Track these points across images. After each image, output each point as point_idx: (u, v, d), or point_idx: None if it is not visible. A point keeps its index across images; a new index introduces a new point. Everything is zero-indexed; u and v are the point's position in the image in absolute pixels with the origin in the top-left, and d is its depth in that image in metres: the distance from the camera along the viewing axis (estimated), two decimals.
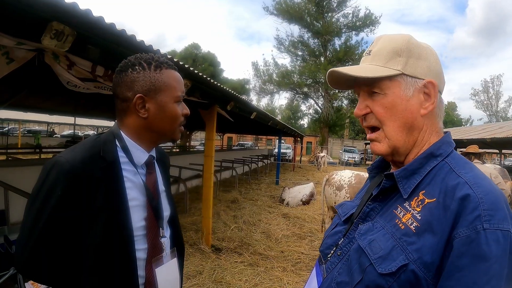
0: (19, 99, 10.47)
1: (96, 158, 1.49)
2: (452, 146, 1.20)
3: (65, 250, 1.47)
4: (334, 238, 1.36)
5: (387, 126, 1.19)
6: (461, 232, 0.95)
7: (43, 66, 3.48)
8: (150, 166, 1.70)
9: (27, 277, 1.57)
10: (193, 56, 55.74)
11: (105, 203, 1.46)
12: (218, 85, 6.05)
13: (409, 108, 1.17)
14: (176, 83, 1.62)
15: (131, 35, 3.21)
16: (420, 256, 1.00)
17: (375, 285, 1.04)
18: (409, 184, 1.15)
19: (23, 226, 1.46)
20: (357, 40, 45.35)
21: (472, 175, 1.06)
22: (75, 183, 1.40)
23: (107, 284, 1.49)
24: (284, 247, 7.38)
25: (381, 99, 1.19)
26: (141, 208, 1.60)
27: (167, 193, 1.84)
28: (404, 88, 1.17)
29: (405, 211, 1.11)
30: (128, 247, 1.51)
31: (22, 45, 2.87)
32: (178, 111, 1.63)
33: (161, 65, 1.59)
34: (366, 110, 1.23)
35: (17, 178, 5.91)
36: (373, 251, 1.09)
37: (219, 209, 9.95)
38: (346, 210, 1.44)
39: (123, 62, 1.61)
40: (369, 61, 1.23)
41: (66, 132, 43.48)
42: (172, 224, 1.86)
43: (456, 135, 19.35)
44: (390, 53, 1.19)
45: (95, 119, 21.22)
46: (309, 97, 49.26)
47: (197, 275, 5.60)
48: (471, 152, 7.21)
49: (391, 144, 1.20)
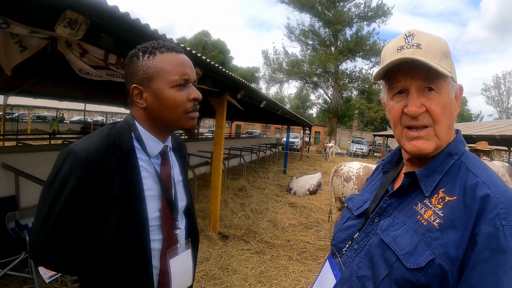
0: (30, 86, 10.52)
1: (111, 147, 1.47)
2: (465, 145, 1.27)
3: (79, 238, 1.48)
4: (347, 232, 1.39)
5: (440, 126, 1.19)
6: (484, 229, 1.01)
7: (55, 53, 3.51)
8: (165, 157, 1.67)
9: (40, 264, 1.59)
10: (203, 44, 55.53)
11: (120, 192, 1.45)
12: (229, 73, 6.06)
13: (452, 110, 1.22)
14: (172, 67, 1.51)
15: (145, 24, 3.22)
16: (445, 251, 1.05)
17: (404, 280, 1.09)
18: (430, 182, 1.19)
19: (37, 213, 1.46)
20: (368, 31, 44.80)
21: (487, 175, 1.13)
22: (90, 172, 1.39)
23: (121, 273, 1.50)
24: (290, 236, 7.44)
25: (437, 98, 1.17)
26: (157, 199, 1.58)
27: (184, 183, 1.82)
28: (451, 90, 1.21)
29: (426, 207, 1.16)
30: (143, 236, 1.50)
31: (35, 33, 2.89)
32: (179, 96, 1.53)
33: (155, 50, 1.52)
34: (422, 108, 1.18)
35: (28, 164, 5.97)
36: (399, 247, 1.13)
37: (226, 197, 10.00)
38: (357, 204, 1.46)
39: (128, 55, 1.58)
40: (422, 55, 1.15)
41: (75, 118, 43.57)
42: (187, 214, 1.84)
43: (466, 130, 19.20)
44: (440, 52, 1.17)
45: (105, 105, 21.22)
46: (318, 87, 49.00)
47: (204, 262, 5.67)
48: (479, 149, 7.13)
49: (438, 143, 1.20)
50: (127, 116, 1.64)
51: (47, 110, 39.01)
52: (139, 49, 1.54)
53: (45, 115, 41.09)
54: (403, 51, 1.19)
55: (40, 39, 3.18)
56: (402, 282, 1.09)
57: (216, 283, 5.05)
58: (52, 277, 2.01)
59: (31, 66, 7.18)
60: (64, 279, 4.55)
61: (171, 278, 1.62)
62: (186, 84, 1.55)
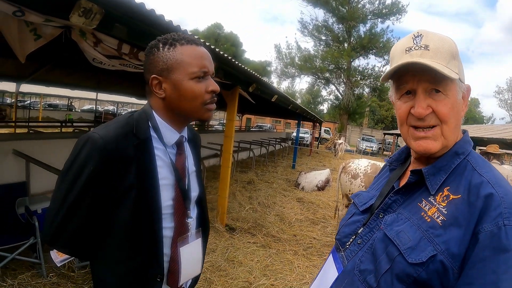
0: (42, 74, 10.60)
1: (129, 136, 1.50)
2: (471, 145, 1.28)
3: (93, 224, 1.51)
4: (352, 227, 1.41)
5: (447, 126, 1.21)
6: (486, 227, 1.03)
7: (69, 42, 3.54)
8: (181, 147, 1.70)
9: (54, 247, 1.62)
10: (215, 36, 55.50)
11: (136, 181, 1.48)
12: (242, 66, 6.06)
13: (459, 112, 1.24)
14: (191, 59, 1.53)
15: (159, 14, 3.23)
16: (447, 247, 1.07)
17: (405, 274, 1.11)
18: (436, 181, 1.21)
19: (54, 197, 1.49)
20: (382, 28, 44.28)
21: (492, 175, 1.14)
22: (108, 159, 1.42)
23: (132, 259, 1.54)
24: (296, 231, 7.47)
25: (444, 100, 1.19)
26: (170, 188, 1.61)
27: (197, 174, 1.85)
28: (458, 91, 1.22)
29: (430, 205, 1.18)
30: (155, 224, 1.54)
31: (50, 22, 2.92)
32: (197, 88, 1.55)
33: (175, 42, 1.54)
34: (429, 110, 1.20)
35: (38, 151, 6.03)
36: (402, 241, 1.15)
37: (235, 190, 10.03)
38: (363, 200, 1.48)
39: (147, 46, 1.60)
40: (430, 57, 1.18)
41: (86, 107, 43.83)
42: (199, 204, 1.88)
43: (477, 132, 19.04)
44: (448, 54, 1.18)
45: (116, 95, 21.30)
46: (330, 83, 48.69)
47: (211, 253, 5.71)
48: (490, 152, 7.08)
49: (445, 142, 1.23)
50: (145, 106, 1.67)
51: (58, 98, 39.26)
52: (159, 40, 1.57)
53: (57, 103, 41.36)
54: (411, 53, 1.21)
55: (54, 27, 3.20)
56: (403, 277, 1.11)
57: (222, 275, 5.09)
58: (63, 261, 2.02)
59: (44, 54, 7.23)
60: (72, 265, 4.60)
61: (181, 265, 1.65)
62: (205, 76, 1.58)
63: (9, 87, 17.38)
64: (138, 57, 3.82)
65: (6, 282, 4.10)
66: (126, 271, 1.55)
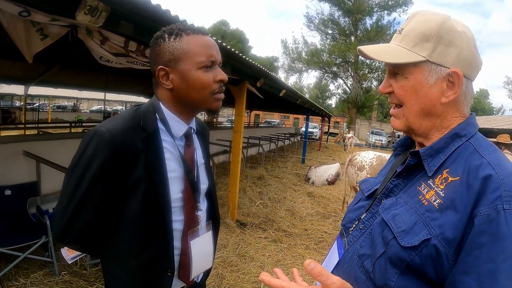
0: (50, 75, 10.65)
1: (136, 129, 1.49)
2: (477, 128, 1.21)
3: (102, 219, 1.51)
4: (356, 213, 1.38)
5: (407, 108, 1.21)
6: (482, 211, 0.97)
7: (76, 41, 3.55)
8: (189, 139, 1.68)
9: (64, 244, 1.63)
10: (221, 33, 55.52)
11: (144, 174, 1.47)
12: (249, 61, 6.04)
13: (428, 95, 1.17)
14: (198, 48, 1.51)
15: (165, 10, 3.21)
16: (442, 231, 1.02)
17: (398, 258, 1.07)
18: (434, 162, 1.16)
19: (62, 194, 1.49)
20: (389, 20, 44.38)
21: (495, 156, 1.08)
22: (115, 153, 1.42)
23: (143, 253, 1.54)
24: (308, 225, 7.46)
25: (403, 81, 1.19)
26: (179, 180, 1.60)
27: (206, 166, 1.84)
28: (427, 76, 1.16)
29: (429, 188, 1.13)
30: (165, 217, 1.53)
31: (56, 21, 2.92)
32: (206, 77, 1.53)
33: (181, 32, 1.52)
34: (389, 89, 1.25)
35: (48, 151, 6.07)
36: (396, 225, 1.11)
37: (245, 185, 10.03)
38: (369, 186, 1.44)
39: (152, 37, 1.58)
40: (398, 41, 1.21)
41: (95, 108, 44.03)
42: (209, 197, 1.87)
43: (487, 123, 18.89)
44: (419, 36, 1.16)
45: (124, 94, 21.37)
46: (338, 77, 48.61)
47: (222, 248, 5.72)
48: (501, 142, 7.01)
49: (407, 123, 1.23)
50: (152, 98, 1.65)
51: (67, 100, 39.48)
52: (164, 31, 1.55)
53: (65, 104, 41.59)
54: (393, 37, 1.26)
55: (60, 26, 3.21)
56: (396, 261, 1.07)
57: (233, 270, 5.10)
58: (74, 258, 2.05)
59: (52, 55, 7.27)
60: (84, 263, 4.63)
61: (192, 259, 1.65)
62: (212, 65, 1.56)
63: (17, 90, 17.51)
64: (145, 54, 3.82)
65: (19, 281, 4.13)
66: (136, 266, 1.55)
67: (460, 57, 1.14)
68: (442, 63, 1.14)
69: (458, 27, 1.15)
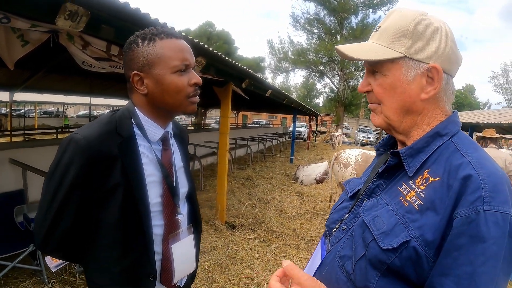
0: (35, 81, 10.57)
1: (112, 134, 1.49)
2: (459, 126, 1.19)
3: (82, 225, 1.51)
4: (340, 213, 1.37)
5: (385, 105, 1.20)
6: (462, 212, 0.95)
7: (58, 47, 3.52)
8: (166, 142, 1.68)
9: (45, 253, 1.62)
10: (207, 34, 55.38)
11: (122, 179, 1.47)
12: (233, 62, 6.04)
13: (407, 92, 1.16)
14: (172, 52, 1.52)
15: (145, 13, 3.19)
16: (422, 233, 1.01)
17: (377, 260, 1.05)
18: (415, 163, 1.15)
19: (41, 203, 1.49)
20: (374, 18, 44.17)
21: (476, 156, 1.06)
22: (91, 159, 1.42)
23: (124, 259, 1.53)
24: (297, 224, 7.48)
25: (381, 79, 1.18)
26: (158, 184, 1.60)
27: (185, 169, 1.84)
28: (405, 72, 1.15)
29: (410, 188, 1.12)
30: (144, 222, 1.53)
31: (36, 27, 2.90)
32: (180, 82, 1.54)
33: (154, 37, 1.52)
34: (368, 87, 1.24)
35: (35, 158, 6.03)
36: (376, 226, 1.10)
37: (233, 186, 10.03)
38: (353, 186, 1.44)
39: (126, 42, 1.58)
40: (375, 38, 1.21)
41: (82, 112, 43.75)
42: (189, 200, 1.87)
43: (473, 118, 18.98)
44: (396, 33, 1.15)
45: (110, 99, 21.24)
46: (324, 76, 48.68)
47: (211, 251, 5.71)
48: (487, 136, 7.05)
49: (386, 120, 1.22)
50: (127, 103, 1.65)
51: (53, 105, 39.16)
52: (138, 36, 1.55)
53: (52, 110, 41.26)
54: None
55: (41, 32, 3.19)
56: (376, 263, 1.06)
57: (223, 272, 5.10)
58: (58, 266, 2.02)
59: (35, 61, 7.21)
60: (72, 270, 4.60)
61: (174, 263, 1.65)
62: (186, 69, 1.57)
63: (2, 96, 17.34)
64: None
65: None
66: (118, 272, 1.55)
67: (439, 52, 1.13)
68: (420, 59, 1.13)
69: (436, 22, 1.15)
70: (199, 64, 4.86)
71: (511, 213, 0.95)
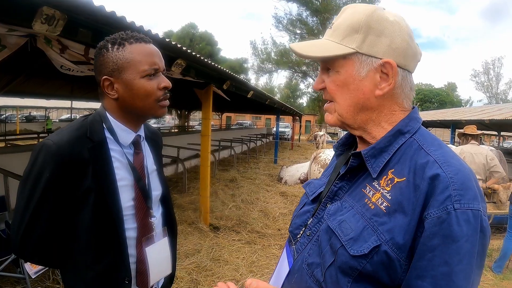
0: (16, 85, 10.44)
1: (83, 139, 1.50)
2: (420, 122, 1.17)
3: (57, 230, 1.52)
4: (302, 218, 1.33)
5: (337, 102, 1.17)
6: (432, 213, 0.94)
7: (37, 51, 3.49)
8: (138, 146, 1.70)
9: (22, 258, 1.62)
10: (190, 36, 55.11)
11: (93, 183, 1.48)
12: (213, 64, 6.02)
13: (361, 88, 1.13)
14: (141, 57, 1.53)
15: (121, 16, 3.17)
16: (392, 236, 0.99)
17: (348, 267, 1.03)
18: (378, 163, 1.12)
19: (16, 209, 1.50)
20: None
21: (441, 153, 1.04)
22: (63, 164, 1.43)
23: (99, 262, 1.54)
24: (281, 225, 7.50)
25: (334, 76, 1.16)
26: (130, 188, 1.62)
27: (159, 172, 1.85)
28: (358, 68, 1.12)
29: (375, 190, 1.09)
30: (117, 225, 1.54)
31: (13, 31, 2.87)
32: (150, 86, 1.55)
33: (123, 41, 1.54)
34: (322, 85, 1.21)
35: (17, 164, 5.95)
36: (343, 232, 1.07)
37: (217, 188, 10.03)
38: (313, 188, 1.39)
39: (96, 47, 1.60)
40: (328, 35, 1.18)
41: (64, 116, 43.34)
42: (164, 203, 1.88)
43: (455, 115, 19.24)
44: (347, 29, 1.12)
45: (92, 102, 21.13)
46: (307, 76, 49.00)
47: (195, 253, 5.69)
48: (468, 133, 7.11)
49: (339, 118, 1.19)
50: (99, 108, 1.67)
51: (35, 110, 38.75)
52: (108, 41, 1.56)
53: (34, 114, 40.81)
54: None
55: (18, 36, 3.15)
56: (347, 270, 1.03)
57: (208, 275, 5.09)
58: (37, 273, 2.02)
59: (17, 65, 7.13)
60: (56, 277, 4.55)
61: (149, 265, 1.66)
62: (156, 73, 1.58)
63: None
64: None
65: None
66: (93, 276, 1.55)
67: (392, 47, 1.10)
68: (372, 54, 1.11)
69: (390, 17, 1.12)
70: (178, 66, 4.85)
71: (481, 208, 0.95)
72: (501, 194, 6.84)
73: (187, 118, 28.83)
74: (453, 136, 17.24)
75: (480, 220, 0.95)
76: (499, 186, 6.86)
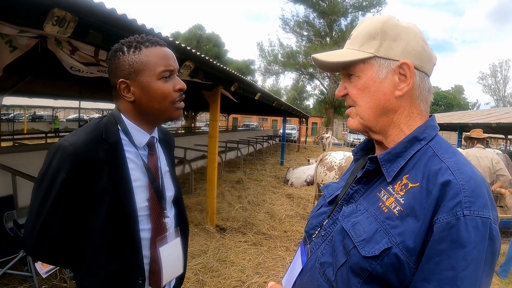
0: (24, 85, 10.51)
1: (98, 141, 1.52)
2: (437, 130, 1.20)
3: (71, 231, 1.53)
4: (319, 219, 1.37)
5: (359, 106, 1.21)
6: (442, 218, 0.96)
7: (46, 52, 3.52)
8: (152, 147, 1.72)
9: (36, 258, 1.64)
10: (197, 37, 55.11)
11: (109, 184, 1.50)
12: (221, 66, 6.05)
13: (381, 90, 1.17)
14: (157, 59, 1.57)
15: (132, 19, 3.21)
16: (403, 240, 1.01)
17: (359, 268, 1.06)
18: (393, 168, 1.15)
19: (30, 209, 1.51)
20: None
21: (454, 160, 1.06)
22: (79, 165, 1.45)
23: (113, 263, 1.56)
24: (287, 227, 7.50)
25: (355, 81, 1.21)
26: (144, 189, 1.64)
27: (171, 173, 1.87)
28: (377, 70, 1.17)
29: (389, 194, 1.12)
30: (132, 227, 1.56)
31: (24, 33, 2.91)
32: (166, 88, 1.58)
33: (139, 45, 1.56)
34: (344, 91, 1.27)
35: (24, 163, 6.00)
36: (356, 233, 1.10)
37: (223, 190, 10.03)
38: (331, 191, 1.43)
39: (111, 50, 1.62)
40: (348, 44, 1.25)
41: (72, 116, 43.55)
42: (176, 204, 1.90)
43: (462, 119, 19.18)
44: (365, 36, 1.19)
45: (100, 102, 21.19)
46: (314, 78, 48.91)
47: (202, 254, 5.71)
48: (474, 136, 7.08)
49: (362, 122, 1.23)
50: (113, 110, 1.68)
51: (43, 109, 38.95)
52: (123, 44, 1.58)
53: (41, 114, 41.02)
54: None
55: (29, 38, 3.19)
56: (358, 270, 1.06)
57: (214, 275, 5.10)
58: (48, 272, 2.03)
59: (25, 65, 7.17)
60: (63, 276, 4.58)
61: (162, 265, 1.67)
62: (171, 75, 1.61)
63: None
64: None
65: None
66: (107, 276, 1.57)
67: (408, 49, 1.16)
68: (390, 57, 1.16)
69: (403, 23, 1.19)
70: (187, 68, 4.87)
71: (491, 217, 0.96)
72: (508, 198, 6.75)
73: (193, 119, 28.87)
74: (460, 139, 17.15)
75: (490, 227, 0.96)
76: (506, 190, 6.78)
